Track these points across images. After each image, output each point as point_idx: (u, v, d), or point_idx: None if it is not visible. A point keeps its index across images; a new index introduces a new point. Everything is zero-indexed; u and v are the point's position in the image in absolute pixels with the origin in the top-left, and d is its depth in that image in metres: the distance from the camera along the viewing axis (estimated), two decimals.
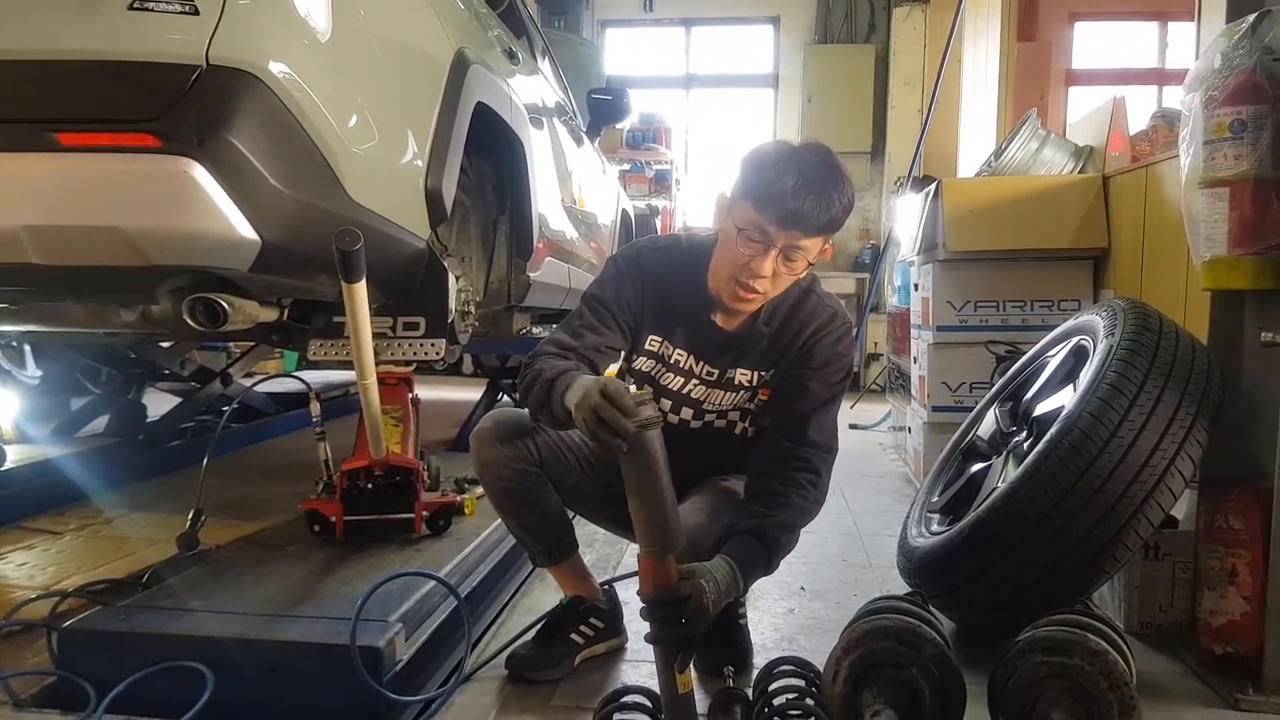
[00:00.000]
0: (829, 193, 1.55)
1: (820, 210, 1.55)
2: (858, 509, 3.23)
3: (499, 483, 1.79)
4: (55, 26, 1.52)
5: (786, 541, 1.66)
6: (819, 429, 1.71)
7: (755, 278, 1.61)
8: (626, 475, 1.41)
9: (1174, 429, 1.75)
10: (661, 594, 1.43)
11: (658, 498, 1.40)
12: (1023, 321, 3.33)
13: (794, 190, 1.53)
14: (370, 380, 1.94)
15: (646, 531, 1.41)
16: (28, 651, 1.84)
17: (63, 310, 2.13)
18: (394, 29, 1.99)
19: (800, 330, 1.74)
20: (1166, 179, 2.74)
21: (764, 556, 1.61)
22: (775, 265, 1.60)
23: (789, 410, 1.73)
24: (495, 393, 4.51)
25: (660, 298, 1.76)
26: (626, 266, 1.77)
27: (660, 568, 1.42)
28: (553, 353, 1.66)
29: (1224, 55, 1.78)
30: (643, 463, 1.38)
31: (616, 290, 1.75)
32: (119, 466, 3.39)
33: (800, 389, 1.72)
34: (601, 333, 1.72)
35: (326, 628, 1.69)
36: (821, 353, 1.74)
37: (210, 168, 1.47)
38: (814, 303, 1.77)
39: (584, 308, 1.75)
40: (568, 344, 1.68)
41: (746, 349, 1.75)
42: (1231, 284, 1.81)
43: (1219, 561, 1.83)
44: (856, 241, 8.13)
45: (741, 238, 1.60)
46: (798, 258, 1.61)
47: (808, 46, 8.06)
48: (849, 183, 1.60)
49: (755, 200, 1.57)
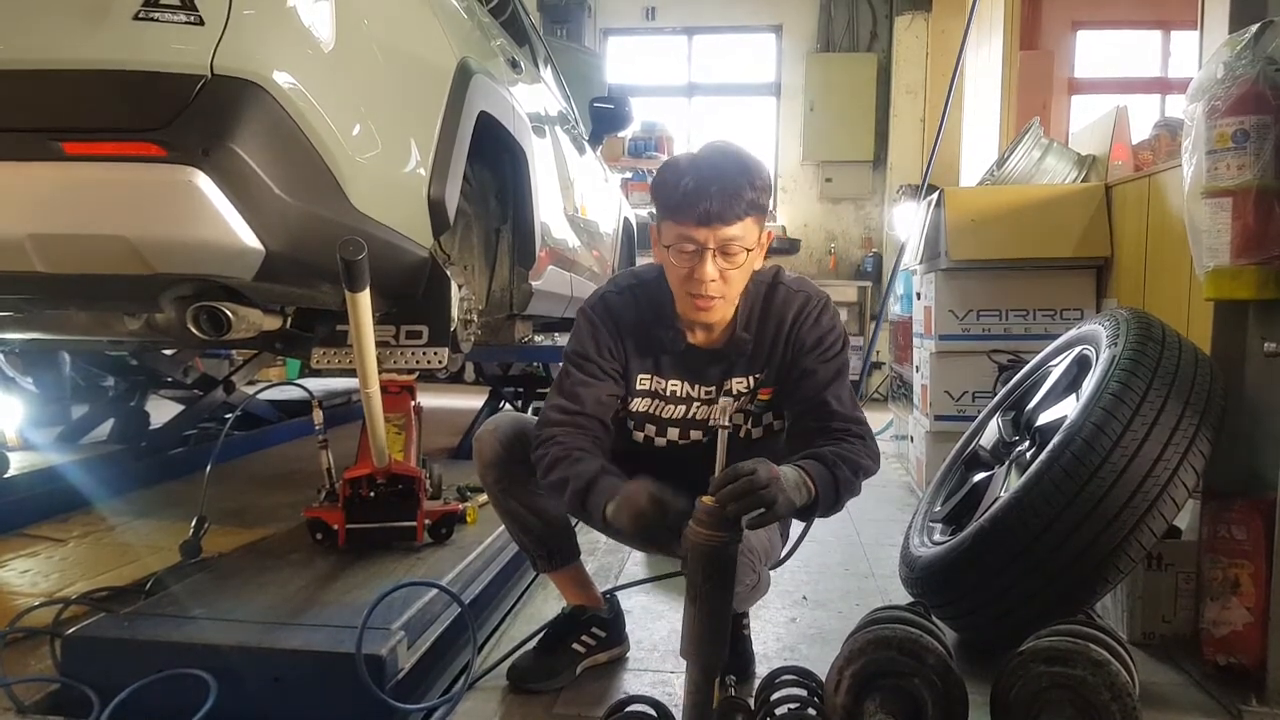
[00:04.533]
0: (733, 180, 1.55)
1: (730, 197, 1.54)
2: (860, 518, 3.23)
3: (500, 485, 1.81)
4: (61, 36, 1.53)
5: (847, 476, 1.58)
6: (840, 402, 1.68)
7: (703, 283, 1.60)
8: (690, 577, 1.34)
9: (1177, 439, 1.75)
10: (731, 472, 1.37)
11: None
12: (1025, 331, 3.33)
13: (695, 189, 1.54)
14: (373, 389, 1.95)
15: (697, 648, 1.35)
16: (31, 658, 1.84)
17: (67, 318, 2.13)
18: (397, 38, 2.00)
19: (780, 325, 1.72)
20: (1169, 188, 2.75)
21: (829, 476, 1.55)
22: (717, 265, 1.59)
23: (803, 399, 1.70)
24: (497, 401, 4.51)
25: (637, 337, 1.75)
26: (599, 316, 1.76)
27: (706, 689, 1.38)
28: (559, 421, 1.68)
29: (1227, 65, 1.78)
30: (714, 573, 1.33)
31: (596, 341, 1.74)
32: (122, 474, 3.40)
33: (804, 376, 1.70)
34: (596, 386, 1.71)
35: (329, 636, 1.69)
36: (809, 336, 1.71)
37: (215, 177, 1.48)
38: (783, 295, 1.74)
39: (570, 367, 1.74)
40: (570, 409, 1.68)
41: (734, 358, 1.75)
42: (1234, 294, 1.80)
43: (1222, 572, 1.83)
44: (859, 250, 8.14)
45: (674, 252, 1.60)
46: (735, 250, 1.58)
47: (810, 55, 8.07)
48: (756, 165, 1.59)
49: (669, 213, 1.59)
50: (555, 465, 1.62)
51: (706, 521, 1.30)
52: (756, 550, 1.64)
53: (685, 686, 1.40)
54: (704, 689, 1.35)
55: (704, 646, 1.32)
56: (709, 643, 1.32)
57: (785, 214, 8.23)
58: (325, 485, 2.34)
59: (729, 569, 1.33)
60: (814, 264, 8.12)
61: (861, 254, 8.10)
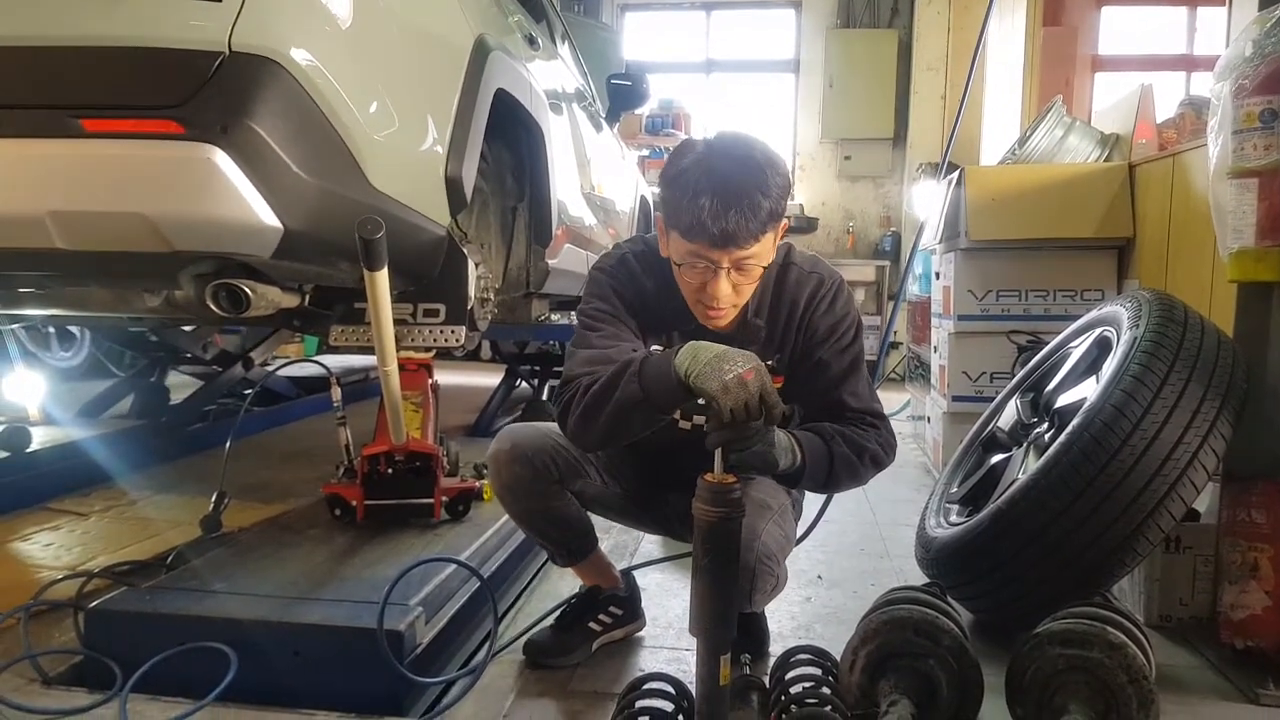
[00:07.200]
0: (753, 197, 1.45)
1: (748, 219, 1.45)
2: (875, 498, 3.23)
3: (519, 504, 1.80)
4: (80, 13, 1.53)
5: (844, 453, 1.56)
6: (855, 396, 1.65)
7: (715, 298, 1.54)
8: (698, 557, 1.34)
9: (1198, 422, 1.73)
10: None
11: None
12: (1045, 311, 3.30)
13: (713, 211, 1.43)
14: (391, 366, 1.96)
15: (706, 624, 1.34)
16: (55, 631, 1.87)
17: (88, 295, 2.15)
18: (415, 15, 1.99)
19: (792, 309, 1.67)
20: (1194, 168, 2.71)
21: (823, 449, 1.54)
22: (731, 280, 1.52)
23: (818, 392, 1.66)
24: (513, 379, 4.53)
25: (653, 305, 1.68)
26: (618, 274, 1.68)
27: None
28: (590, 373, 1.53)
29: (1255, 43, 1.75)
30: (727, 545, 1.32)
31: (618, 297, 1.66)
32: (143, 449, 3.44)
33: (818, 367, 1.66)
34: (626, 337, 1.62)
35: (349, 611, 1.71)
36: (822, 323, 1.66)
37: (233, 154, 1.48)
38: (795, 277, 1.67)
39: (592, 323, 1.64)
40: (597, 359, 1.56)
41: (745, 345, 1.71)
42: (1258, 276, 1.78)
43: (1240, 555, 1.82)
44: (877, 229, 8.09)
45: (686, 269, 1.53)
46: (749, 266, 1.51)
47: (830, 31, 7.98)
48: (772, 166, 1.48)
49: (682, 231, 1.49)
50: (589, 387, 1.49)
51: (708, 497, 1.30)
52: (774, 554, 1.62)
53: (696, 663, 1.41)
54: (711, 665, 1.36)
55: (709, 622, 1.33)
56: (714, 618, 1.33)
57: (803, 192, 8.18)
58: (344, 462, 2.36)
59: (731, 545, 1.33)
60: (832, 243, 8.08)
61: (880, 233, 8.04)
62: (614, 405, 1.45)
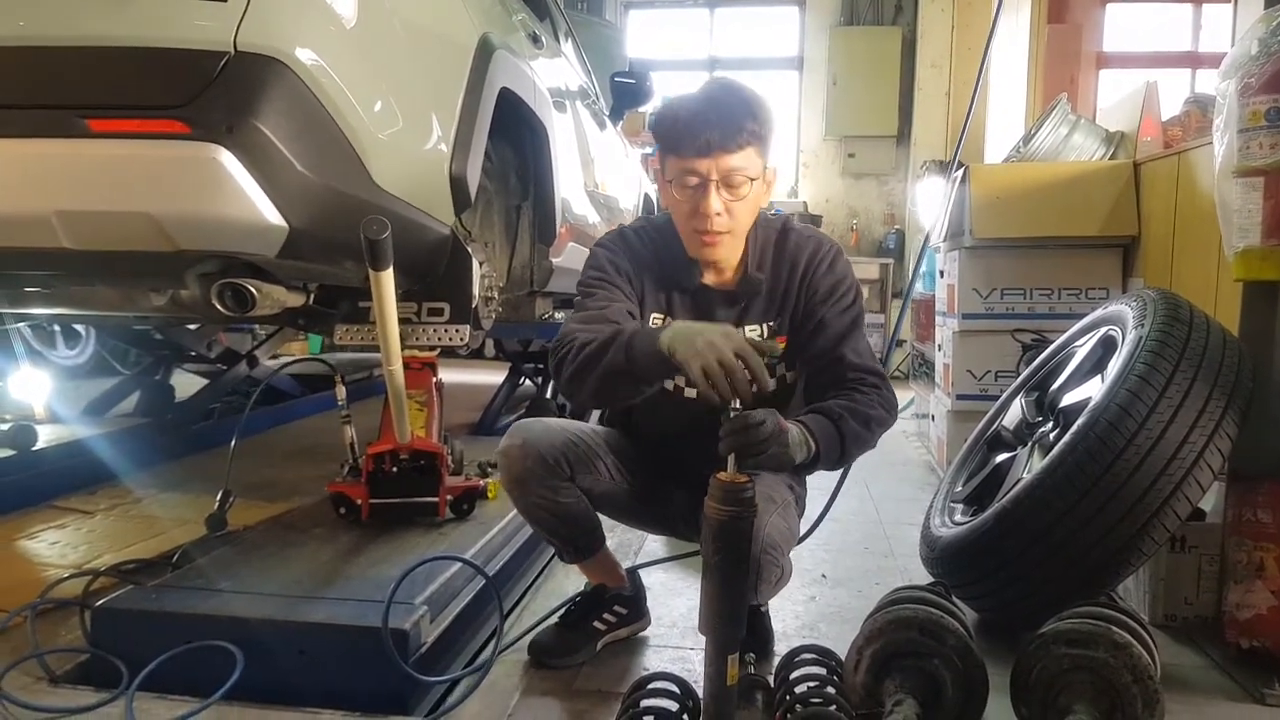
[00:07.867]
0: (731, 108, 1.56)
1: (729, 125, 1.55)
2: (880, 497, 3.23)
3: (528, 498, 1.80)
4: (86, 13, 1.53)
5: (854, 429, 1.59)
6: (855, 354, 1.69)
7: (708, 217, 1.60)
8: (708, 556, 1.33)
9: (1203, 421, 1.73)
10: (741, 418, 1.36)
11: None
12: (1050, 310, 3.30)
13: (693, 119, 1.55)
14: (396, 365, 1.96)
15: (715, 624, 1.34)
16: (61, 629, 1.87)
17: (94, 294, 2.15)
18: (419, 14, 1.99)
19: (794, 268, 1.74)
20: (1199, 166, 2.70)
21: (833, 430, 1.57)
22: (721, 197, 1.59)
23: (818, 351, 1.71)
24: (517, 377, 4.53)
25: (652, 274, 1.75)
26: (617, 246, 1.77)
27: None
28: (584, 329, 1.59)
29: (1261, 42, 1.74)
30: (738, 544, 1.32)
31: (615, 267, 1.74)
32: (148, 447, 3.44)
33: (819, 327, 1.71)
34: (622, 300, 1.70)
35: (354, 609, 1.71)
36: (822, 283, 1.73)
37: (238, 154, 1.48)
38: (795, 240, 1.76)
39: (591, 289, 1.71)
40: (594, 319, 1.62)
41: (749, 301, 1.74)
42: (1264, 275, 1.78)
43: (1246, 555, 1.81)
44: (881, 226, 8.08)
45: (677, 187, 1.61)
46: (738, 181, 1.59)
47: (833, 28, 7.97)
48: (756, 98, 1.60)
49: (669, 147, 1.61)
50: (584, 347, 1.54)
51: (720, 497, 1.30)
52: (779, 545, 1.63)
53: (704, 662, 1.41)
54: (719, 664, 1.36)
55: (719, 621, 1.33)
56: (723, 617, 1.33)
57: (807, 189, 8.17)
58: (348, 460, 2.36)
59: (742, 544, 1.33)
60: (836, 240, 8.04)
61: (884, 230, 8.04)
62: (602, 369, 1.52)
